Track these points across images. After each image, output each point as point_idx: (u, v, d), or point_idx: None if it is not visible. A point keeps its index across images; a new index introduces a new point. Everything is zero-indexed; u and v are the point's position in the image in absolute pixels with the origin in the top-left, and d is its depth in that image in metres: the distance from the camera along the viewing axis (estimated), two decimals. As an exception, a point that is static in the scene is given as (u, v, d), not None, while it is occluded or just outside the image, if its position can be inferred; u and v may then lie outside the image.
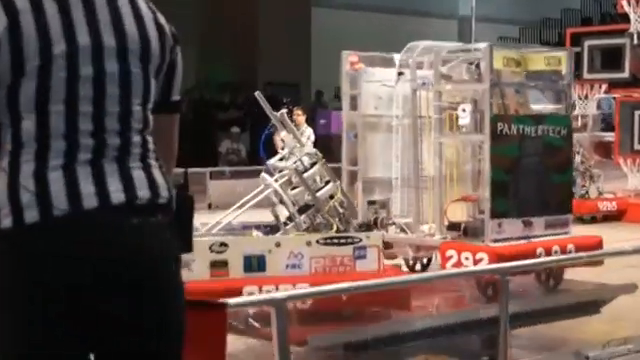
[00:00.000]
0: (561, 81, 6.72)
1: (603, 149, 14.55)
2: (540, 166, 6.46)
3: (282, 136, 6.09)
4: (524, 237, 6.37)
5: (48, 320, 2.02)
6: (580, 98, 14.33)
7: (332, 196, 5.68)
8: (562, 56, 6.62)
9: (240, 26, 23.06)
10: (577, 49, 14.41)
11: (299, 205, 5.72)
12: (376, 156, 7.00)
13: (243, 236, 5.66)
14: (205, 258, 5.22)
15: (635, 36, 13.89)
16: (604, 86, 14.39)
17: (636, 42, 13.89)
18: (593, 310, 6.20)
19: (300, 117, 13.13)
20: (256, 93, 6.19)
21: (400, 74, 6.81)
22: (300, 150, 5.87)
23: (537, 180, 6.43)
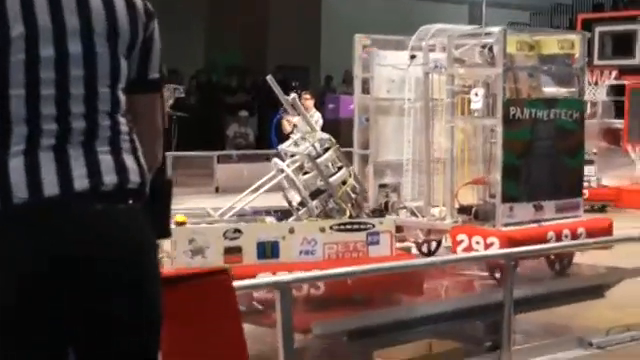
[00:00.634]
0: (574, 65, 6.70)
1: (612, 136, 14.52)
2: (552, 150, 6.45)
3: (295, 121, 6.08)
4: (535, 221, 6.36)
5: (9, 308, 1.97)
6: (590, 84, 14.29)
7: (344, 182, 5.68)
8: (575, 39, 6.61)
9: (250, 9, 22.98)
10: (588, 35, 14.38)
11: (310, 190, 5.72)
12: (388, 139, 6.99)
13: (256, 222, 5.66)
14: (219, 244, 5.25)
15: (646, 22, 13.85)
16: (614, 72, 14.34)
17: (647, 28, 13.84)
18: (598, 294, 6.20)
19: (308, 101, 13.10)
20: (268, 77, 6.19)
21: (412, 57, 6.79)
22: (312, 135, 5.86)
23: (549, 164, 6.43)
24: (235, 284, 4.29)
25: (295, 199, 5.82)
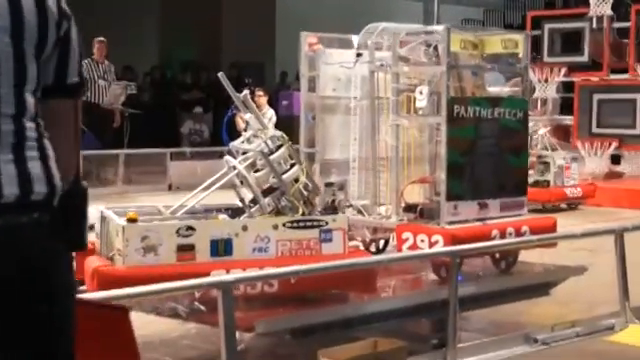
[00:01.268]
0: (518, 64, 6.75)
1: (562, 132, 14.68)
2: (496, 148, 6.49)
3: (246, 118, 6.05)
4: (480, 219, 6.41)
5: None
6: (540, 81, 14.44)
7: (296, 179, 5.68)
8: (519, 39, 6.65)
9: (204, 4, 22.87)
10: (538, 32, 14.54)
11: (262, 188, 5.70)
12: (334, 138, 6.99)
13: (209, 219, 5.63)
14: (172, 242, 5.20)
15: (594, 20, 14.02)
16: (564, 69, 14.50)
17: (595, 26, 14.01)
18: (542, 292, 6.27)
19: (262, 98, 13.09)
20: (219, 74, 6.15)
21: (359, 55, 6.80)
22: (265, 132, 5.84)
23: (493, 162, 6.47)
24: (178, 284, 4.30)
25: (247, 197, 5.80)
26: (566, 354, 5.61)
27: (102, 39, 14.37)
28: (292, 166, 5.72)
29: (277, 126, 8.68)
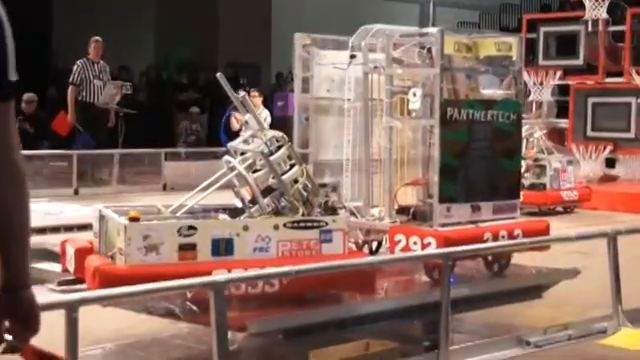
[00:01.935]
0: (511, 67, 6.75)
1: (557, 135, 14.70)
2: (489, 151, 6.49)
3: (246, 118, 6.05)
4: (472, 222, 6.40)
5: None
6: (535, 84, 14.46)
7: (296, 180, 5.68)
8: (512, 42, 6.66)
9: (201, 5, 22.87)
10: (533, 35, 14.56)
11: (260, 188, 5.71)
12: (327, 139, 6.98)
13: (211, 219, 5.62)
14: (173, 241, 5.19)
15: (590, 23, 14.04)
16: (559, 73, 14.53)
17: (590, 29, 14.03)
18: (535, 295, 6.28)
19: (256, 99, 13.08)
20: (218, 74, 6.15)
21: (352, 57, 6.79)
22: (264, 133, 5.84)
23: (486, 165, 6.46)
24: (169, 284, 4.30)
25: (246, 197, 5.80)
26: (558, 357, 5.62)
27: (98, 39, 14.37)
28: (292, 167, 5.73)
29: (272, 127, 8.67)
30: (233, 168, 5.79)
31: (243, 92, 6.34)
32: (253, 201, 5.69)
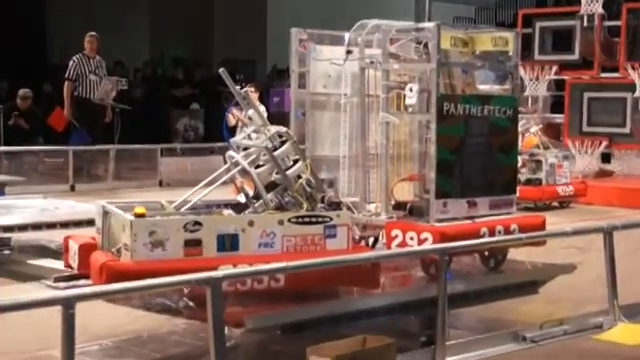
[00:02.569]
0: (508, 62, 6.74)
1: (553, 131, 14.72)
2: (486, 146, 6.49)
3: (249, 114, 6.04)
4: (469, 217, 6.40)
5: None
6: (531, 79, 14.47)
7: (299, 175, 5.68)
8: (509, 37, 6.65)
9: (195, 1, 22.85)
10: (529, 30, 14.57)
11: (263, 183, 5.71)
12: (324, 134, 6.98)
13: (216, 215, 5.62)
14: (179, 237, 5.17)
15: (585, 18, 14.04)
16: (555, 67, 14.53)
17: (586, 24, 14.04)
18: (531, 290, 6.28)
19: (252, 94, 13.07)
20: (220, 70, 6.13)
21: (349, 52, 6.78)
22: (268, 128, 5.83)
23: (482, 160, 6.46)
24: (167, 280, 4.29)
25: (249, 193, 5.80)
26: (554, 352, 5.63)
27: (94, 34, 14.34)
28: (295, 162, 5.73)
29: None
30: (236, 164, 5.79)
31: (246, 88, 6.31)
32: (256, 196, 5.69)
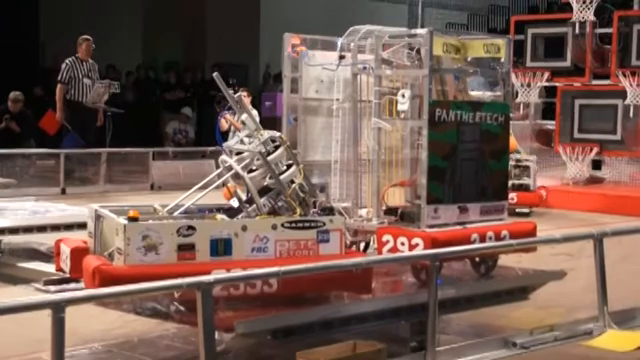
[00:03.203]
0: (500, 69, 6.76)
1: (544, 137, 14.76)
2: (477, 152, 6.50)
3: (242, 118, 6.05)
4: (460, 223, 6.42)
5: None
6: (523, 86, 14.51)
7: (292, 180, 5.68)
8: (501, 44, 6.67)
9: (188, 5, 22.85)
10: (521, 37, 14.61)
11: (257, 188, 5.71)
12: (316, 140, 6.98)
13: (209, 219, 5.62)
14: (172, 241, 5.18)
15: (577, 25, 14.09)
16: (546, 74, 14.57)
17: (578, 31, 14.09)
18: (522, 296, 6.30)
19: (245, 99, 13.07)
20: (214, 74, 6.14)
21: (341, 58, 6.79)
22: (261, 133, 5.84)
23: (474, 166, 6.48)
24: (157, 284, 4.29)
25: (242, 197, 5.80)
26: (544, 358, 5.64)
27: (87, 37, 14.32)
28: (289, 167, 5.73)
29: (260, 127, 8.66)
30: (230, 168, 5.79)
31: (240, 92, 6.31)
32: (249, 201, 5.69)
